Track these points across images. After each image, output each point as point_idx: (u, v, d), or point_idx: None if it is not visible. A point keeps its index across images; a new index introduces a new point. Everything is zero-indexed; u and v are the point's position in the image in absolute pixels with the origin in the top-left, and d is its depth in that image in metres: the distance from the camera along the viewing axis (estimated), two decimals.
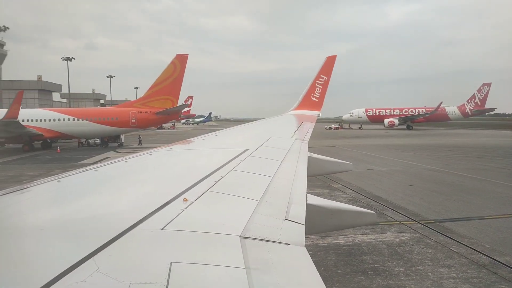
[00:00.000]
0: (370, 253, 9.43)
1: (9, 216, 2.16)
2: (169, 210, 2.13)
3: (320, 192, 16.98)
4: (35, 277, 1.39)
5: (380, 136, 58.80)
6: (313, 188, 17.87)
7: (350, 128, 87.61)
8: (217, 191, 2.65)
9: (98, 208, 2.27)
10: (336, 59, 14.50)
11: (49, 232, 1.83)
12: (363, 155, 31.58)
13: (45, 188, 2.72)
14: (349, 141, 48.65)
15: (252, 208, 2.36)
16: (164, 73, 45.01)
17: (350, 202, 14.77)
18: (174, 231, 1.85)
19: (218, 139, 6.42)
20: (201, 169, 3.33)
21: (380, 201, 14.89)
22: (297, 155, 4.80)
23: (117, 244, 1.64)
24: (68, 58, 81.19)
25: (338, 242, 10.22)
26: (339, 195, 16.30)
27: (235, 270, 1.54)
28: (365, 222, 3.92)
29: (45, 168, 26.87)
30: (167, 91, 45.10)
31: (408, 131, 71.82)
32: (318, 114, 13.55)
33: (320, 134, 66.69)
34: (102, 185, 2.95)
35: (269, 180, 3.19)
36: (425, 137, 54.64)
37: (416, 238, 10.44)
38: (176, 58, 44.98)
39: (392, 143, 45.29)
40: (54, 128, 43.14)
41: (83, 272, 1.38)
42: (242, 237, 1.88)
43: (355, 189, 17.56)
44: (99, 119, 44.40)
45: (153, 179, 3.21)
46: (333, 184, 18.82)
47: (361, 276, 8.11)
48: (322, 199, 3.33)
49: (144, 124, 46.22)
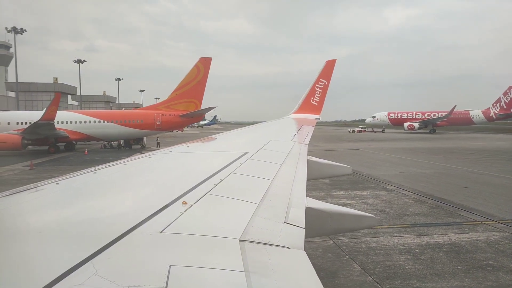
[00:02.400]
0: (474, 251, 9.73)
1: (8, 218, 2.15)
2: (168, 213, 2.12)
3: (379, 194, 17.44)
4: (33, 279, 1.38)
5: (402, 140, 59.16)
6: (368, 189, 18.48)
7: (373, 132, 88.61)
8: (216, 194, 2.65)
9: (97, 211, 2.26)
10: (336, 63, 14.53)
11: (48, 235, 1.82)
12: (396, 158, 32.00)
13: (44, 191, 2.71)
14: (373, 144, 48.87)
15: (251, 211, 2.36)
16: (187, 76, 45.55)
17: (417, 204, 15.18)
18: (173, 234, 1.84)
19: (218, 142, 6.41)
20: (201, 172, 3.32)
21: (446, 202, 15.21)
22: (297, 159, 4.80)
23: (116, 247, 1.63)
24: (79, 61, 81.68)
25: (437, 241, 10.59)
26: (401, 197, 16.62)
27: (234, 273, 1.53)
28: (364, 225, 3.91)
29: None
30: (190, 94, 45.59)
31: (429, 135, 71.95)
32: (318, 118, 13.57)
33: (341, 138, 67.97)
34: (101, 188, 2.94)
35: (269, 183, 3.19)
36: (446, 141, 54.74)
37: (509, 236, 10.82)
38: (200, 61, 45.46)
39: (417, 146, 45.49)
40: (80, 130, 43.67)
41: (82, 275, 1.37)
42: (242, 240, 1.87)
43: (411, 190, 17.85)
44: (125, 121, 44.91)
45: (153, 182, 3.20)
46: (387, 186, 19.19)
47: (483, 272, 8.41)
48: (321, 203, 3.32)
49: (168, 126, 46.70)
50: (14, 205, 2.42)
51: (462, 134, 72.80)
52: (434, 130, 77.63)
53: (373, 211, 14.08)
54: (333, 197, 16.99)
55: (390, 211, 14.11)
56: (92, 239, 1.71)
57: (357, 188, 18.81)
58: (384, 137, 67.62)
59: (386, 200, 16.04)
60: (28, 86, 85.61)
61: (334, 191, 18.42)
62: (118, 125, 44.47)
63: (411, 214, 13.65)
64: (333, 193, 17.86)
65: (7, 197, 2.50)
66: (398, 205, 15.05)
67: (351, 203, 15.73)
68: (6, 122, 42.26)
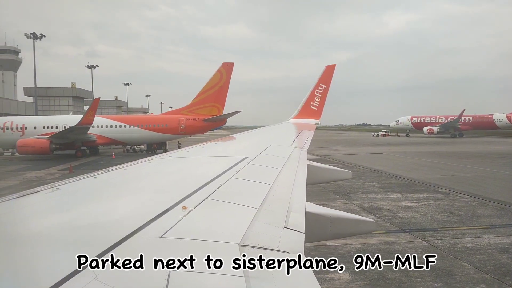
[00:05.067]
0: None
1: (7, 223, 2.14)
2: (168, 218, 2.12)
3: (436, 197, 17.74)
4: (32, 284, 1.37)
5: (419, 144, 59.65)
6: (423, 192, 18.73)
7: (397, 135, 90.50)
8: (216, 198, 2.64)
9: (96, 216, 2.26)
10: (336, 68, 14.57)
11: (47, 240, 1.82)
12: (427, 162, 32.49)
13: (43, 195, 2.70)
14: (394, 148, 49.26)
15: (251, 216, 2.35)
16: (210, 81, 46.27)
17: (481, 206, 15.49)
18: (173, 239, 1.84)
19: (218, 147, 6.42)
20: (201, 177, 3.32)
21: (508, 205, 15.51)
22: (297, 163, 4.79)
23: (115, 252, 1.63)
24: (92, 66, 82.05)
25: (495, 242, 10.90)
26: (461, 200, 17.01)
27: (234, 278, 1.53)
28: (364, 230, 3.89)
29: None
30: (213, 98, 46.22)
31: (451, 139, 72.39)
32: (318, 123, 13.59)
33: (365, 142, 69.18)
34: (100, 193, 2.94)
35: (269, 188, 3.19)
36: (465, 145, 55.07)
37: None
38: (223, 66, 46.14)
39: (440, 150, 45.96)
40: (106, 134, 44.28)
41: (81, 280, 1.36)
42: (241, 245, 1.87)
43: (466, 193, 18.12)
44: (150, 125, 45.55)
45: (152, 186, 3.20)
46: (438, 189, 19.46)
47: None
48: (321, 207, 3.31)
49: (192, 131, 47.24)
50: (14, 210, 2.42)
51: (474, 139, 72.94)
52: (455, 134, 77.82)
53: (444, 214, 14.52)
54: (393, 199, 17.34)
55: (460, 213, 14.44)
56: (92, 244, 1.70)
57: (410, 191, 19.16)
58: (402, 141, 68.62)
59: (449, 203, 16.35)
60: (46, 91, 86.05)
61: (388, 193, 18.78)
62: (143, 129, 45.12)
63: (482, 216, 13.98)
64: (390, 196, 18.21)
65: (7, 201, 2.50)
66: (464, 208, 15.36)
67: (415, 205, 16.07)
68: (32, 127, 42.83)
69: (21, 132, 42.10)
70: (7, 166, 35.18)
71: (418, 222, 13.45)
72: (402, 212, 14.95)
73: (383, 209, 15.54)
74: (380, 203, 16.66)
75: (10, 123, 42.78)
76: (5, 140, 42.57)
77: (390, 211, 15.10)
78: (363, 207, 15.99)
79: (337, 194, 18.86)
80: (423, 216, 14.26)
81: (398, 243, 11.17)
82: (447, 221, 13.54)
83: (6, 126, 42.37)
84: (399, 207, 15.78)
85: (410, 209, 15.35)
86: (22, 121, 44.46)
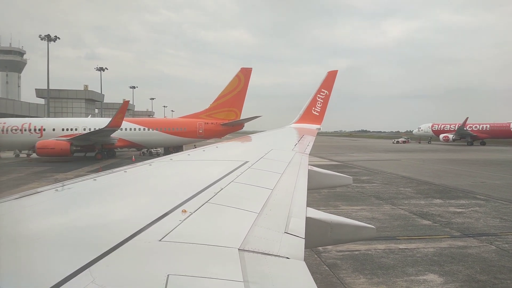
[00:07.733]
0: None
1: (6, 224, 2.13)
2: (167, 221, 2.11)
3: (478, 203, 17.85)
4: (30, 286, 1.36)
5: (434, 151, 59.86)
6: (462, 199, 18.87)
7: (418, 142, 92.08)
8: (216, 202, 2.63)
9: (95, 218, 2.25)
10: (337, 74, 14.60)
11: (45, 242, 1.80)
12: (450, 169, 32.60)
13: (42, 197, 2.69)
14: (410, 155, 49.38)
15: (251, 221, 2.34)
16: (229, 86, 46.59)
17: None
18: (172, 243, 1.83)
19: (219, 151, 6.40)
20: (201, 181, 3.31)
21: None
22: (298, 168, 4.78)
23: (114, 255, 1.62)
24: (101, 69, 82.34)
25: None
26: (504, 206, 17.26)
27: (233, 283, 1.51)
28: (364, 236, 3.87)
29: None
30: (231, 103, 46.61)
31: (467, 147, 72.68)
32: (319, 128, 13.60)
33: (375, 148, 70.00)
34: (100, 195, 2.92)
35: (269, 192, 3.17)
36: (478, 153, 55.21)
37: None
38: (241, 71, 46.56)
39: (457, 157, 46.05)
40: (125, 137, 44.21)
41: (78, 283, 1.35)
42: (241, 250, 1.86)
43: (506, 200, 18.37)
44: (169, 129, 45.62)
45: (152, 189, 3.19)
46: (476, 196, 19.58)
47: None
48: (322, 213, 3.29)
49: (210, 134, 47.27)
50: (13, 211, 2.41)
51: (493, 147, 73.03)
52: (471, 142, 77.96)
53: (495, 219, 14.66)
54: (439, 205, 17.41)
55: (510, 219, 14.62)
56: (90, 247, 1.69)
57: (450, 197, 19.29)
58: (413, 148, 69.23)
59: (495, 209, 16.52)
60: (58, 93, 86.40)
61: (429, 199, 18.81)
62: (162, 132, 45.17)
63: None
64: (433, 201, 18.25)
65: (5, 202, 2.49)
66: (511, 214, 15.55)
67: (463, 211, 16.19)
68: (51, 128, 42.73)
69: (39, 133, 41.84)
70: (31, 168, 34.46)
71: (475, 227, 13.56)
72: (454, 217, 15.02)
73: (434, 214, 15.58)
74: (427, 208, 16.68)
75: (28, 125, 42.48)
76: (22, 141, 42.19)
77: (442, 216, 15.15)
78: (413, 212, 16.00)
79: (380, 199, 18.83)
80: (477, 221, 14.40)
81: (469, 247, 11.25)
82: (502, 226, 13.69)
83: (24, 127, 42.10)
84: (448, 213, 15.77)
85: (460, 215, 15.43)
86: (40, 122, 44.07)
